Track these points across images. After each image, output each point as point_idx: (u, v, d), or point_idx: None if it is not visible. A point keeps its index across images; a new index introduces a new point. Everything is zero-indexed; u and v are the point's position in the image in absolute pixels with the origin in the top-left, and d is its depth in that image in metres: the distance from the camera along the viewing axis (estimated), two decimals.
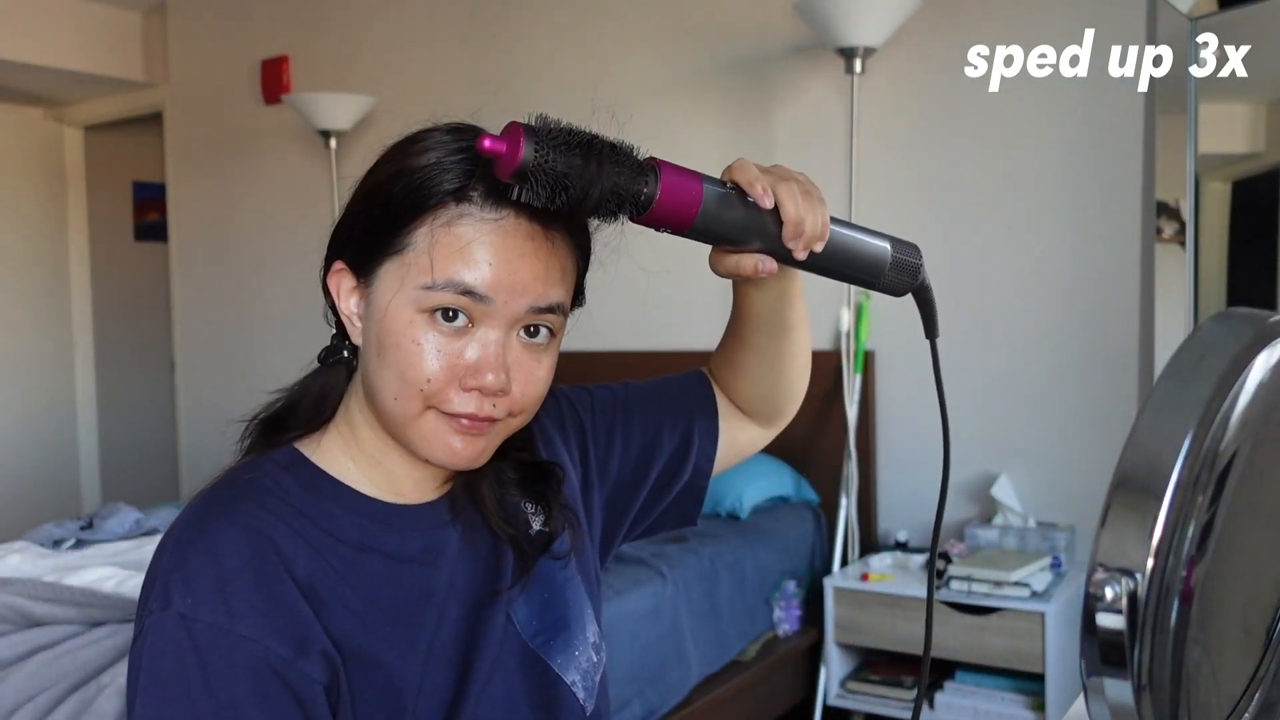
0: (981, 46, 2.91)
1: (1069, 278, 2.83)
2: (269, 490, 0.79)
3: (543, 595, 0.90)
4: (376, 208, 0.77)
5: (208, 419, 4.72)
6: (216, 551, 0.73)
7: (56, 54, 4.49)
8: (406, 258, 0.75)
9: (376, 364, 0.77)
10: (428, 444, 0.78)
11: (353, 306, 0.80)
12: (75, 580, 2.08)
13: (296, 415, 0.85)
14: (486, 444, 0.80)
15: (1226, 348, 0.52)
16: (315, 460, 0.83)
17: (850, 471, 2.96)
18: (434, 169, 0.75)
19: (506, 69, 3.68)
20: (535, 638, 0.88)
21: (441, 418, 0.77)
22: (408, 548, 0.83)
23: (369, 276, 0.78)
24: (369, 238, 0.77)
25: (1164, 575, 0.49)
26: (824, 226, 0.79)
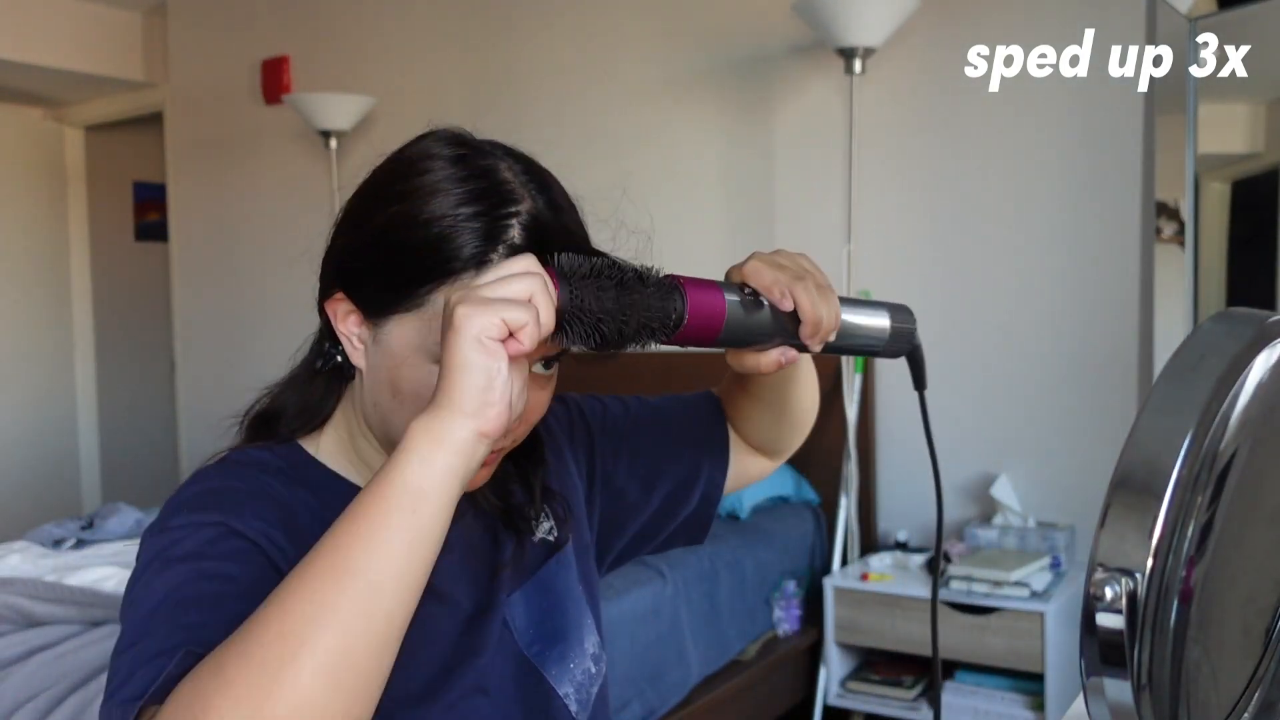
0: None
1: (1069, 277, 2.83)
2: (263, 473, 0.80)
3: (542, 604, 0.90)
4: (385, 259, 0.75)
5: (208, 419, 4.72)
6: (215, 488, 0.76)
7: (56, 54, 4.49)
8: (425, 315, 0.74)
9: (392, 404, 0.77)
10: None
11: (353, 328, 0.79)
12: (75, 580, 2.08)
13: (285, 417, 0.86)
14: (493, 469, 0.81)
15: (1226, 348, 0.52)
16: (319, 458, 0.84)
17: (850, 471, 2.96)
18: (451, 226, 0.73)
19: (507, 69, 3.68)
20: (531, 646, 0.88)
21: None
22: None
23: (379, 319, 0.76)
24: (381, 291, 0.76)
25: (1164, 575, 0.49)
26: (837, 318, 0.80)
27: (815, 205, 3.18)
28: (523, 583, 0.90)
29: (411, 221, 0.74)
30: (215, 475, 0.79)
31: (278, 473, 0.81)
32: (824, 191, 3.14)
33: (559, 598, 0.91)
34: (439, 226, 0.73)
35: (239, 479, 0.78)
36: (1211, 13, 1.99)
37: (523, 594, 0.90)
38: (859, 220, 2.96)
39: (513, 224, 0.74)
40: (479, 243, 0.73)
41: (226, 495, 0.76)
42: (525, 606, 0.89)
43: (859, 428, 3.00)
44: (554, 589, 0.91)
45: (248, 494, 0.76)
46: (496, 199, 0.74)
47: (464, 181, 0.75)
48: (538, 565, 0.92)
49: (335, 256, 0.80)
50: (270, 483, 0.79)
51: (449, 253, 0.73)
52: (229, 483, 0.77)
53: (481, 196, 0.74)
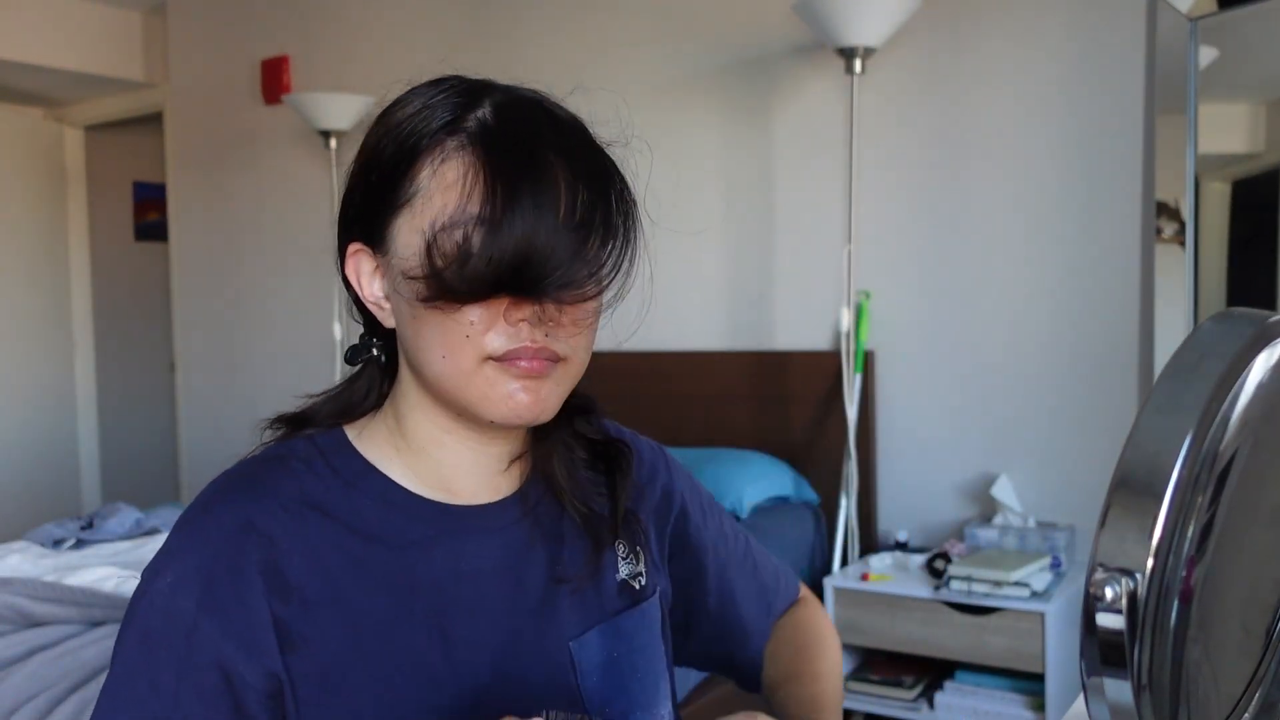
0: (981, 46, 2.91)
1: (1069, 277, 2.83)
2: (292, 475, 0.77)
3: (613, 652, 0.83)
4: (373, 172, 0.75)
5: (208, 419, 4.72)
6: (206, 538, 0.74)
7: (56, 54, 4.49)
8: (415, 206, 0.72)
9: (414, 330, 0.74)
10: (488, 400, 0.74)
11: (377, 290, 0.77)
12: (75, 580, 2.08)
13: (317, 418, 0.83)
14: (549, 390, 0.75)
15: (1226, 348, 0.52)
16: (357, 445, 0.80)
17: (850, 471, 2.96)
18: (421, 114, 0.74)
19: (507, 69, 3.65)
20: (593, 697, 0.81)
21: (498, 367, 0.73)
22: (441, 552, 0.78)
23: (384, 243, 0.75)
24: (373, 202, 0.75)
25: (1164, 575, 0.49)
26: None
27: (815, 205, 3.18)
28: (598, 623, 0.83)
29: (387, 130, 0.75)
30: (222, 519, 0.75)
31: (309, 463, 0.78)
32: (824, 191, 3.14)
33: (635, 651, 0.85)
34: (410, 121, 0.74)
35: (241, 535, 0.74)
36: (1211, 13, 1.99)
37: (599, 635, 0.83)
38: (859, 220, 2.96)
39: (485, 101, 0.74)
40: (449, 115, 0.73)
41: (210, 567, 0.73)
42: (599, 650, 0.82)
43: (859, 428, 3.00)
44: (632, 641, 0.85)
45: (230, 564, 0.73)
46: (470, 85, 0.76)
47: (435, 89, 0.76)
48: (617, 609, 0.85)
49: (340, 216, 0.80)
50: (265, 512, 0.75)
51: (421, 131, 0.73)
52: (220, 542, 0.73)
53: (454, 90, 0.75)
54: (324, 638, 0.74)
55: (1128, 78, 2.71)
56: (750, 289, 3.31)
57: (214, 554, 0.73)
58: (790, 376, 3.20)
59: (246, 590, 0.72)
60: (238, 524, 0.74)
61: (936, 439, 3.03)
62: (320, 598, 0.74)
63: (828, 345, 3.18)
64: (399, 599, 0.76)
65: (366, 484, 0.78)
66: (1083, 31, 2.77)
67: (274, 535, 0.74)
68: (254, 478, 0.77)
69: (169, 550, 0.75)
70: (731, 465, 3.03)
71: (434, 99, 0.75)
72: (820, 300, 3.18)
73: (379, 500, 0.78)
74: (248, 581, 0.72)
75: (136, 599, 0.74)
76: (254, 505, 0.75)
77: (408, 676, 0.75)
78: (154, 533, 2.58)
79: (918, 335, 3.04)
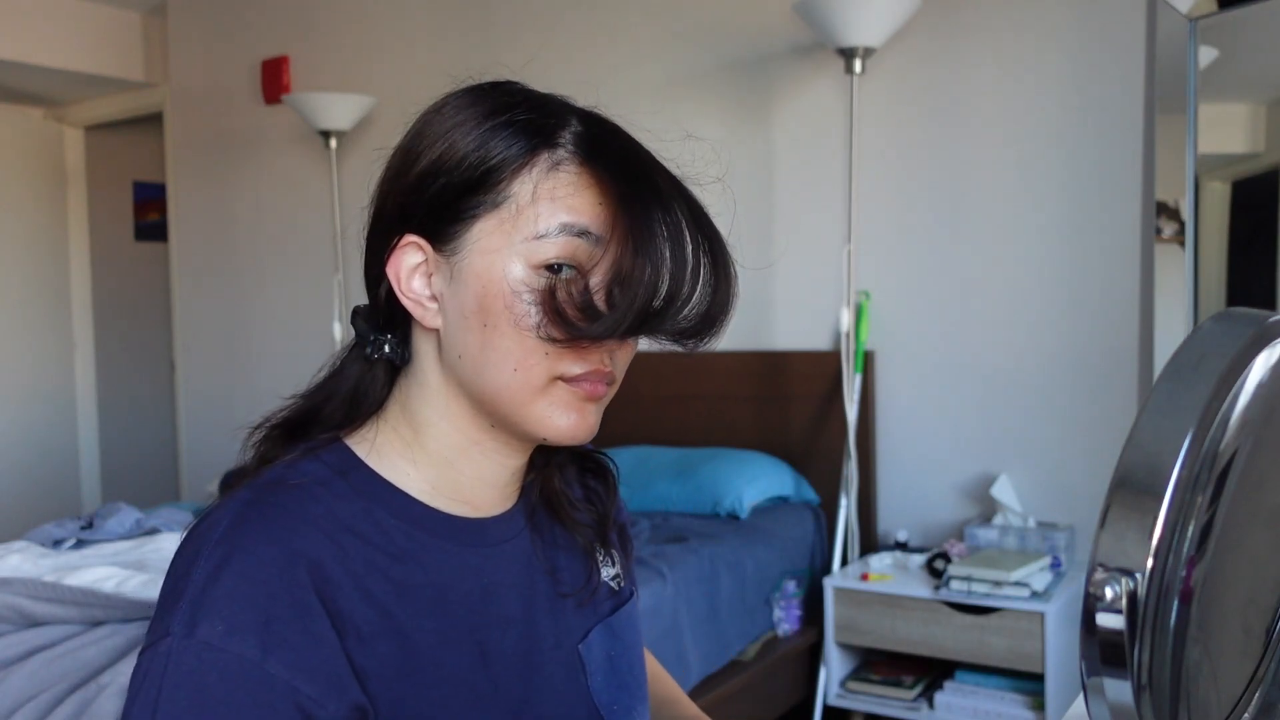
0: (981, 46, 2.91)
1: (1069, 277, 2.83)
2: (316, 499, 0.71)
3: (611, 650, 0.84)
4: (454, 169, 0.71)
5: (208, 419, 4.72)
6: (251, 575, 0.65)
7: (56, 54, 4.49)
8: (504, 213, 0.70)
9: (482, 338, 0.70)
10: (548, 419, 0.72)
11: (419, 288, 0.73)
12: (75, 580, 2.08)
13: (321, 417, 0.78)
14: (598, 412, 0.75)
15: (1226, 348, 0.52)
16: (370, 463, 0.75)
17: (850, 471, 2.96)
18: (516, 117, 0.71)
19: (507, 68, 3.67)
20: (601, 694, 0.82)
21: (568, 387, 0.72)
22: (467, 568, 0.76)
23: (454, 243, 0.71)
24: (452, 204, 0.71)
25: (1164, 575, 0.49)
26: None
27: (815, 205, 3.18)
28: (595, 625, 0.84)
29: (475, 127, 0.71)
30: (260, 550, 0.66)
31: (328, 485, 0.72)
32: (824, 191, 3.14)
33: (628, 648, 0.86)
34: (503, 119, 0.71)
35: (288, 564, 0.66)
36: (1211, 13, 1.99)
37: (599, 635, 0.84)
38: (859, 220, 2.96)
39: (570, 117, 0.73)
40: (544, 128, 0.71)
41: (265, 605, 0.64)
42: (601, 650, 0.83)
43: (859, 428, 3.00)
44: (624, 638, 0.86)
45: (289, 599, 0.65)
46: (544, 101, 0.75)
47: (509, 95, 0.74)
48: (608, 610, 0.86)
49: (390, 206, 0.74)
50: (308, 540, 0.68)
51: (517, 140, 0.71)
52: (271, 577, 0.65)
53: (530, 103, 0.74)
54: (382, 671, 0.69)
55: (1128, 78, 2.71)
56: (750, 289, 3.30)
57: (266, 591, 0.65)
58: (790, 376, 3.20)
59: (312, 622, 0.66)
60: (282, 555, 0.66)
61: (936, 439, 3.03)
62: (374, 628, 0.69)
63: (828, 345, 3.18)
64: (441, 620, 0.73)
65: (389, 502, 0.74)
66: (1083, 32, 2.77)
67: (321, 561, 0.68)
68: (278, 504, 0.69)
69: (202, 602, 0.64)
70: (731, 465, 3.03)
71: (516, 105, 0.72)
72: (820, 300, 3.18)
73: (403, 518, 0.74)
74: (311, 613, 0.66)
75: (174, 659, 0.63)
76: (289, 532, 0.68)
77: (460, 698, 0.73)
78: (154, 533, 2.57)
79: (918, 335, 3.04)
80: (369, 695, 0.68)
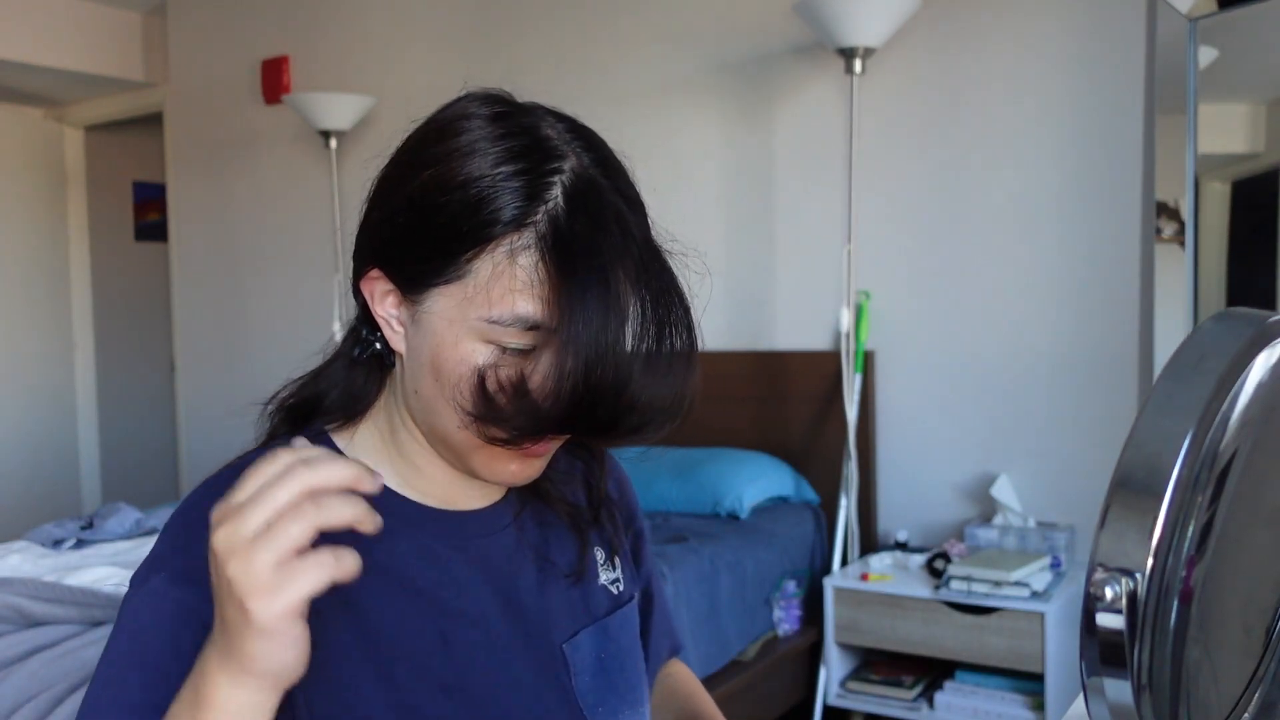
0: (981, 46, 2.91)
1: (1069, 277, 2.83)
2: None
3: (602, 653, 0.84)
4: (421, 227, 0.71)
5: (208, 419, 4.72)
6: (204, 535, 0.69)
7: (56, 54, 4.49)
8: (465, 287, 0.69)
9: (434, 390, 0.72)
10: (489, 470, 0.75)
11: (391, 310, 0.75)
12: (75, 580, 2.08)
13: (324, 406, 0.80)
14: (545, 461, 0.77)
15: (1226, 348, 0.52)
16: (349, 454, 0.78)
17: (850, 471, 2.96)
18: (489, 187, 0.69)
19: (507, 68, 3.68)
20: (586, 695, 0.81)
21: (509, 447, 0.73)
22: (435, 558, 0.77)
23: (417, 295, 0.72)
24: (418, 262, 0.71)
25: (1164, 575, 0.49)
26: None
27: (815, 205, 3.18)
28: (587, 626, 0.84)
29: (447, 185, 0.70)
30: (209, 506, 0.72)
31: None
32: (824, 191, 3.14)
33: (621, 652, 0.85)
34: (476, 188, 0.69)
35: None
36: (1211, 13, 1.99)
37: (589, 636, 0.84)
38: (859, 220, 2.96)
39: (555, 181, 0.69)
40: (520, 203, 0.68)
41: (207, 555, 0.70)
42: (590, 652, 0.83)
43: (859, 428, 3.00)
44: (618, 642, 0.85)
45: None
46: (538, 156, 0.70)
47: (502, 139, 0.70)
48: (603, 612, 0.86)
49: (369, 231, 0.75)
50: None
51: (487, 215, 0.68)
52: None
53: (521, 155, 0.70)
54: (332, 643, 0.72)
55: (1128, 78, 2.71)
56: (750, 289, 3.31)
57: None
58: (790, 376, 3.20)
59: None
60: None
61: (936, 439, 3.03)
62: (326, 603, 0.71)
63: (828, 345, 3.18)
64: (401, 605, 0.75)
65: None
66: (1083, 31, 2.77)
67: None
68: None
69: (159, 555, 0.71)
70: (731, 465, 3.03)
71: (501, 166, 0.69)
72: (820, 300, 3.18)
73: (377, 506, 0.76)
74: None
75: (126, 603, 0.71)
76: None
77: (423, 680, 0.74)
78: (154, 533, 2.57)
79: (918, 335, 3.04)
80: (310, 663, 0.69)
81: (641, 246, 0.71)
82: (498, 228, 0.68)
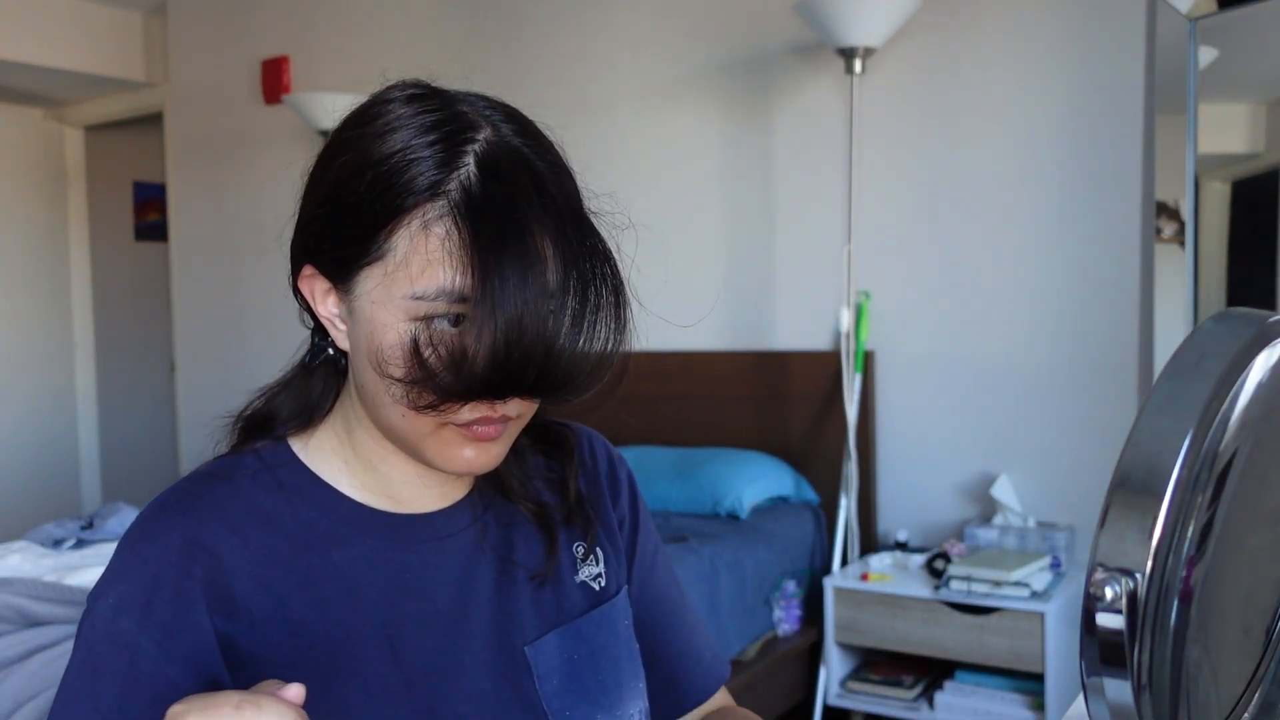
0: (981, 46, 2.91)
1: (1069, 277, 2.83)
2: (238, 491, 0.76)
3: (574, 655, 0.82)
4: (343, 211, 0.71)
5: (208, 419, 4.69)
6: (147, 558, 0.73)
7: (56, 54, 4.49)
8: (387, 265, 0.69)
9: (375, 379, 0.71)
10: (443, 458, 0.74)
11: (332, 308, 0.75)
12: (75, 580, 2.08)
13: (280, 417, 0.81)
14: (502, 446, 0.75)
15: (1226, 348, 0.52)
16: (303, 458, 0.79)
17: (850, 471, 2.96)
18: (401, 161, 0.69)
19: (507, 68, 3.68)
20: (553, 700, 0.80)
21: (456, 430, 0.72)
22: (387, 562, 0.77)
23: (347, 283, 0.72)
24: (341, 247, 0.71)
25: (1163, 575, 0.49)
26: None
27: (815, 205, 3.18)
28: (556, 627, 0.82)
29: (363, 165, 0.70)
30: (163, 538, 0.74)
31: (255, 477, 0.77)
32: (824, 191, 3.14)
33: (596, 653, 0.83)
34: (388, 164, 0.69)
35: (183, 554, 0.73)
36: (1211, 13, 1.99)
37: (557, 638, 0.82)
38: (859, 220, 2.96)
39: (468, 150, 0.69)
40: (432, 173, 0.68)
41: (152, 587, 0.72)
42: (557, 654, 0.81)
43: (859, 428, 3.00)
44: (593, 642, 0.83)
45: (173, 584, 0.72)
46: (451, 128, 0.70)
47: (416, 116, 0.70)
48: (578, 612, 0.84)
49: (299, 228, 0.76)
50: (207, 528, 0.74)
51: (400, 188, 0.68)
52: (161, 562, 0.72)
53: (434, 128, 0.70)
54: (271, 655, 0.73)
55: (1128, 78, 2.71)
56: (750, 289, 3.31)
57: (154, 574, 0.72)
58: (790, 376, 3.20)
59: (189, 608, 0.71)
60: (178, 543, 0.73)
61: (936, 439, 3.03)
62: (267, 615, 0.73)
63: (828, 345, 3.18)
64: (345, 613, 0.75)
65: (313, 496, 0.77)
66: (1083, 32, 2.77)
67: (218, 552, 0.73)
68: (196, 494, 0.76)
69: (112, 571, 0.73)
70: (731, 465, 3.03)
71: (416, 139, 0.69)
72: (820, 300, 3.18)
73: (326, 512, 0.77)
74: (190, 600, 0.72)
75: (82, 622, 0.73)
76: (195, 522, 0.74)
77: (358, 691, 0.74)
78: None
79: (917, 335, 3.04)
80: (249, 676, 0.72)
81: (563, 205, 0.70)
82: (409, 199, 0.68)
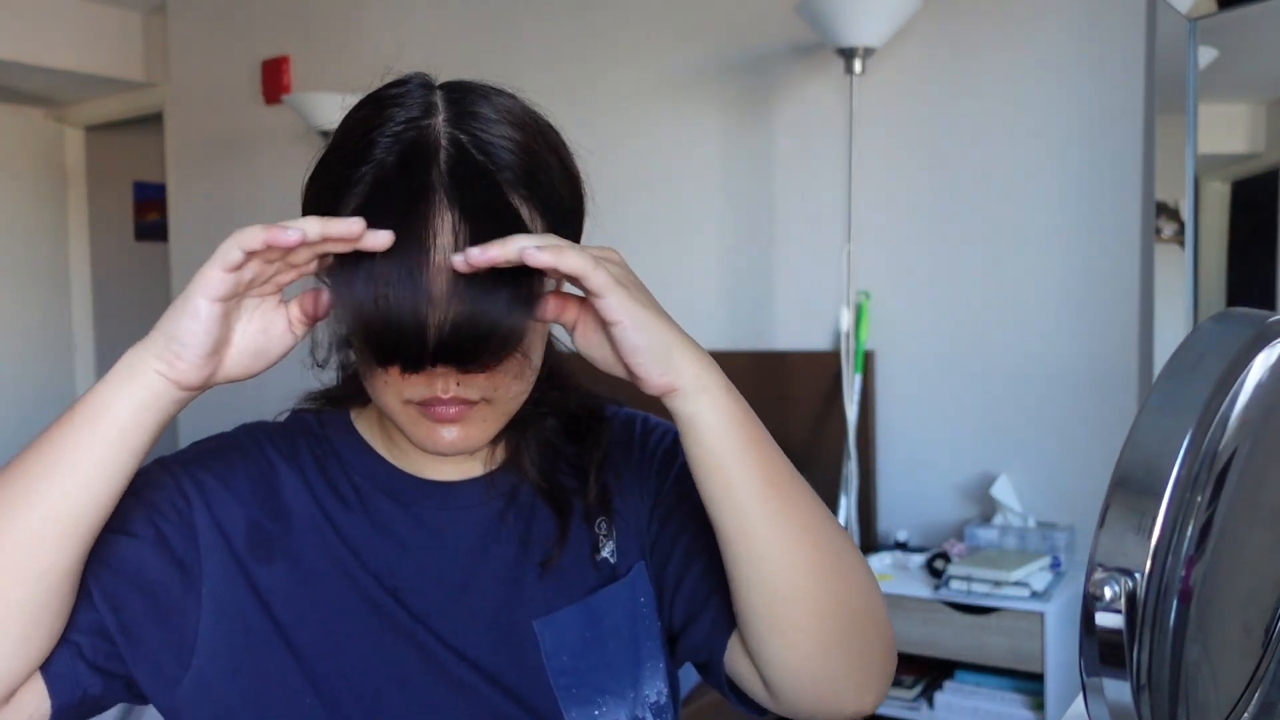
0: (981, 46, 2.91)
1: (1069, 277, 2.83)
2: (291, 435, 0.85)
3: (585, 634, 0.81)
4: (312, 201, 0.82)
5: (208, 419, 4.71)
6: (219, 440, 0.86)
7: (56, 54, 4.49)
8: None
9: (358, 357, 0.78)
10: (415, 435, 0.76)
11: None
12: None
13: (342, 395, 0.89)
14: (476, 428, 0.75)
15: (1226, 348, 0.52)
16: (356, 422, 0.86)
17: (850, 471, 2.96)
18: (339, 159, 0.78)
19: (507, 68, 3.67)
20: (560, 677, 0.79)
21: (419, 409, 0.74)
22: (400, 522, 0.81)
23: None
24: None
25: (1163, 574, 0.49)
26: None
27: (815, 205, 3.18)
28: (570, 603, 0.82)
29: (318, 166, 0.80)
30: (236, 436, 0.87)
31: (310, 432, 0.85)
32: (824, 191, 3.14)
33: (607, 632, 0.82)
34: (335, 157, 0.78)
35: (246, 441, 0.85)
36: (1211, 13, 1.99)
37: (568, 615, 0.81)
38: (859, 220, 2.96)
39: (393, 137, 0.76)
40: (356, 163, 0.75)
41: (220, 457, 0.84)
42: (568, 630, 0.81)
43: (859, 428, 3.00)
44: (602, 621, 0.82)
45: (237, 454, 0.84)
46: (388, 121, 0.77)
47: (370, 115, 0.79)
48: (592, 588, 0.83)
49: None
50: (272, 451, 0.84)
51: (335, 182, 0.77)
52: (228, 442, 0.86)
53: (394, 102, 0.78)
54: (311, 557, 0.79)
55: (1128, 78, 2.71)
56: (750, 289, 3.31)
57: (217, 444, 0.84)
58: (790, 376, 3.20)
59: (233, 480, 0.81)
60: (251, 437, 0.84)
61: (936, 439, 3.03)
62: (308, 526, 0.80)
63: (828, 345, 3.18)
64: (347, 565, 0.79)
65: (347, 456, 0.84)
66: (1083, 31, 2.77)
67: (275, 463, 0.82)
68: (271, 425, 0.88)
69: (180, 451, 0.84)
70: None
71: (359, 133, 0.78)
72: (820, 300, 3.18)
73: (351, 470, 0.83)
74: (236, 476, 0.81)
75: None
76: (266, 437, 0.85)
77: (360, 634, 0.78)
78: None
79: (918, 335, 3.04)
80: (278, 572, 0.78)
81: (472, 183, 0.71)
82: (342, 191, 0.76)
